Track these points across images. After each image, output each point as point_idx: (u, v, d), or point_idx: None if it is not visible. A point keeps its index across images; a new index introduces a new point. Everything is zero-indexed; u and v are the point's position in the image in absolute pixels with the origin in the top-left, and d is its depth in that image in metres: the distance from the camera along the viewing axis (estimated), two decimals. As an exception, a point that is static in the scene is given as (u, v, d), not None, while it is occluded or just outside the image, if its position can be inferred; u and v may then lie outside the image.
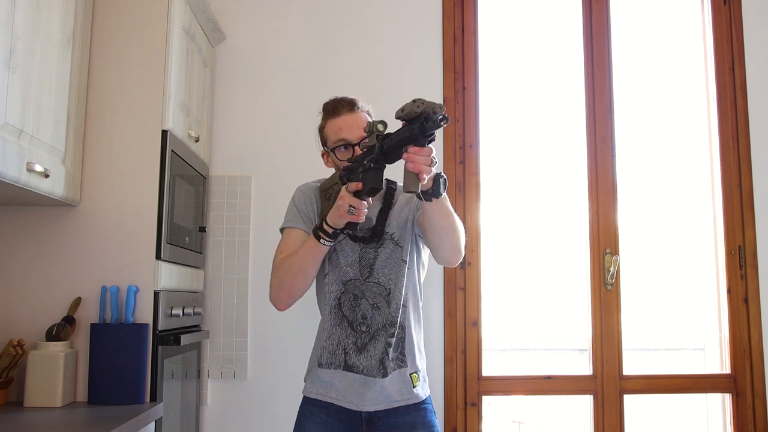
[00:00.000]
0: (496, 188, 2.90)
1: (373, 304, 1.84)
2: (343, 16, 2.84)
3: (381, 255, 1.84)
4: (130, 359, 1.99)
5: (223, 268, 2.67)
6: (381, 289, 1.84)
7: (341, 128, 1.83)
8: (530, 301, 3.04)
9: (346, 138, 1.82)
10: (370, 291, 1.84)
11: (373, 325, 1.83)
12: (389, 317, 1.83)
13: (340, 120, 1.84)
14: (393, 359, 1.83)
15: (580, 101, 2.89)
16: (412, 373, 1.85)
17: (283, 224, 1.94)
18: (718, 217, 2.85)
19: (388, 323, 1.83)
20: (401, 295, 1.84)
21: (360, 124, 1.83)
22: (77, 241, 2.07)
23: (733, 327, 2.77)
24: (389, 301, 1.84)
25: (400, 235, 1.85)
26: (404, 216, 1.87)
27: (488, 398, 2.79)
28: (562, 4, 3.01)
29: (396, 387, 1.83)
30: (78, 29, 2.02)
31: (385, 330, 1.83)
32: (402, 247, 1.85)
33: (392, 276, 1.84)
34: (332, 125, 1.86)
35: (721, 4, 2.92)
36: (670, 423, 3.15)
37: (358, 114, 1.86)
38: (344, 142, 1.82)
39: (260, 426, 2.62)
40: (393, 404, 1.83)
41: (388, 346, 1.82)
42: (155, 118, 2.13)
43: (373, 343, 1.83)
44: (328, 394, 1.86)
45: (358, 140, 1.80)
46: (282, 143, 2.75)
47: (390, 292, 1.84)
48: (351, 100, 1.88)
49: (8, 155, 1.63)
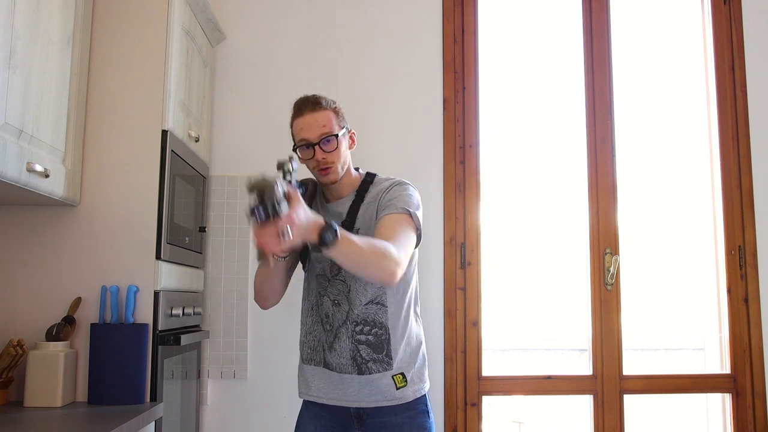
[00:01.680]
0: (496, 188, 2.90)
1: (334, 301, 1.86)
2: (343, 17, 2.84)
3: None
4: (130, 359, 1.98)
5: (223, 268, 2.67)
6: (343, 286, 1.86)
7: (302, 128, 1.86)
8: (530, 301, 3.04)
9: (306, 138, 1.84)
10: (334, 288, 1.87)
11: (334, 323, 1.86)
12: (351, 315, 1.84)
13: (302, 120, 1.86)
14: (373, 360, 1.83)
15: (580, 101, 2.89)
16: (396, 375, 1.85)
17: None
18: (718, 217, 2.85)
19: (351, 321, 1.84)
20: (366, 292, 1.84)
21: (321, 123, 1.84)
22: (77, 241, 2.07)
23: (733, 327, 2.77)
24: (350, 299, 1.85)
25: (366, 232, 1.84)
26: (370, 214, 1.87)
27: (488, 398, 2.79)
28: (562, 4, 3.01)
29: (378, 387, 1.83)
30: (78, 29, 2.02)
31: (347, 328, 1.84)
32: None
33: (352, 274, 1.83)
34: (296, 125, 1.88)
35: (721, 4, 2.92)
36: (670, 423, 3.15)
37: (321, 113, 1.86)
38: (305, 142, 1.85)
39: (260, 426, 2.62)
40: (377, 403, 1.84)
41: (358, 343, 1.83)
42: (155, 118, 2.13)
43: (337, 342, 1.85)
44: (309, 393, 1.90)
45: (318, 139, 1.83)
46: (282, 143, 2.73)
47: (350, 288, 1.85)
48: (315, 99, 1.88)
49: (8, 155, 1.63)
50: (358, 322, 1.84)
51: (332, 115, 1.87)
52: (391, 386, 1.84)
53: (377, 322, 1.85)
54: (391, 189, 1.87)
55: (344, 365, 1.84)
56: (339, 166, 1.87)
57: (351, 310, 1.85)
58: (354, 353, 1.83)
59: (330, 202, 1.95)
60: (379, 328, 1.85)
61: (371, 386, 1.83)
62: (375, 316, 1.85)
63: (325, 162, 1.84)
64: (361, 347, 1.83)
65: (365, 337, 1.84)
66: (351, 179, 1.95)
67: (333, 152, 1.85)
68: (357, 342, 1.84)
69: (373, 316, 1.85)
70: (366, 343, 1.84)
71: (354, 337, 1.84)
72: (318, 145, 1.83)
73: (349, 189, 1.93)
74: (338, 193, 1.94)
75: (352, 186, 1.94)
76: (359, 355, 1.83)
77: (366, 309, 1.85)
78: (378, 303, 1.86)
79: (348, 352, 1.84)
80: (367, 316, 1.85)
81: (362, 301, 1.85)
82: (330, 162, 1.85)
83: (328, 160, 1.84)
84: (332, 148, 1.85)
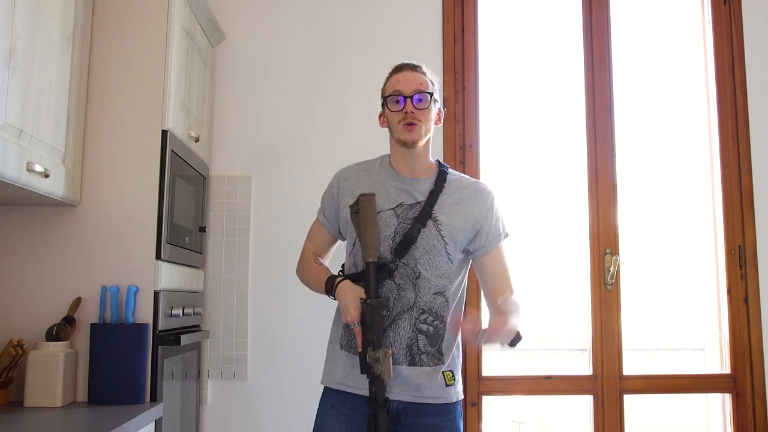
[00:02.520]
0: (496, 188, 2.89)
1: (399, 285, 1.79)
2: (343, 17, 2.84)
3: (421, 237, 1.80)
4: (130, 359, 1.98)
5: (223, 268, 2.66)
6: (410, 271, 1.80)
7: (399, 81, 1.84)
8: (530, 301, 3.04)
9: (400, 89, 1.82)
10: (398, 272, 1.80)
11: (394, 309, 1.78)
12: (419, 302, 1.79)
13: (400, 75, 1.86)
14: (427, 353, 1.78)
15: (580, 101, 2.89)
16: (446, 372, 1.81)
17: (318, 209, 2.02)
18: (718, 217, 2.85)
19: (417, 308, 1.78)
20: (435, 282, 1.80)
21: (418, 80, 1.83)
22: (77, 241, 2.07)
23: (733, 327, 2.77)
24: (418, 286, 1.79)
25: (448, 228, 1.82)
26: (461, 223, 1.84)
27: (488, 398, 2.79)
28: (562, 4, 3.01)
29: (428, 382, 1.77)
30: (78, 29, 2.02)
31: (410, 314, 1.78)
32: (447, 243, 1.82)
33: (423, 261, 1.80)
34: (391, 80, 1.87)
35: (721, 4, 2.92)
36: (670, 423, 3.15)
37: (419, 74, 1.86)
38: (398, 94, 1.82)
39: (260, 426, 2.62)
40: (423, 399, 1.78)
41: (419, 332, 1.78)
42: (155, 118, 2.12)
43: (394, 329, 1.78)
44: (345, 382, 1.80)
45: (411, 93, 1.81)
46: (282, 143, 2.76)
47: (419, 275, 1.79)
48: (416, 64, 1.89)
49: (8, 155, 1.63)
50: (424, 311, 1.79)
51: (429, 81, 1.87)
52: (441, 382, 1.79)
53: (439, 315, 1.81)
54: (493, 205, 1.91)
55: (396, 355, 1.76)
56: (424, 127, 1.83)
57: (419, 297, 1.79)
58: (411, 342, 1.77)
59: (403, 175, 1.88)
60: (440, 321, 1.80)
61: (420, 379, 1.76)
62: (439, 308, 1.81)
63: (413, 117, 1.80)
64: (420, 337, 1.78)
65: (427, 327, 1.79)
66: (428, 161, 1.91)
67: (423, 110, 1.81)
68: (418, 331, 1.78)
69: (438, 308, 1.80)
70: (426, 333, 1.78)
71: (416, 326, 1.78)
72: (410, 99, 1.80)
73: (426, 171, 1.89)
74: (413, 168, 1.88)
75: (429, 169, 1.90)
76: (416, 345, 1.77)
77: (433, 299, 1.80)
78: (443, 295, 1.82)
79: (405, 340, 1.77)
80: (433, 305, 1.80)
81: (431, 290, 1.80)
82: (418, 119, 1.80)
83: (417, 116, 1.80)
84: (424, 105, 1.82)
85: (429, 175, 1.90)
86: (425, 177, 1.89)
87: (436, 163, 1.94)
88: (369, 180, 1.89)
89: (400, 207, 1.84)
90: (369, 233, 1.78)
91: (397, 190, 1.86)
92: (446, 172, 1.91)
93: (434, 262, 1.81)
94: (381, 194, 1.85)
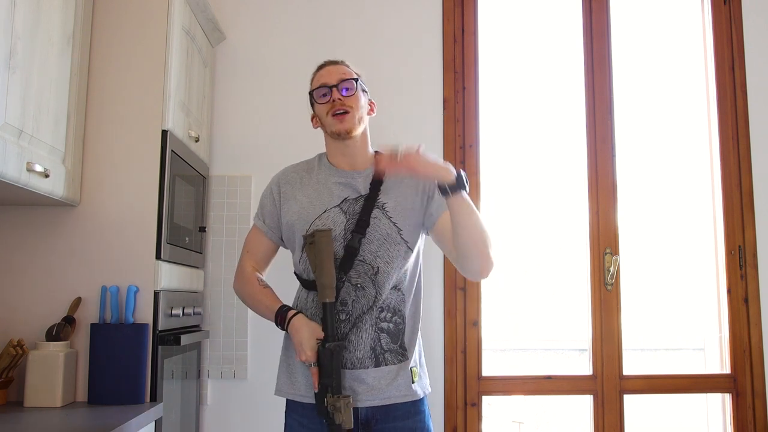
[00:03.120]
0: (496, 188, 2.90)
1: (356, 285, 1.74)
2: (343, 16, 2.84)
3: (373, 229, 1.75)
4: (130, 359, 1.98)
5: (223, 268, 2.66)
6: (367, 268, 1.74)
7: (322, 75, 1.84)
8: (530, 301, 3.05)
9: (324, 82, 1.81)
10: (355, 271, 1.74)
11: (354, 311, 1.73)
12: (378, 300, 1.74)
13: (323, 70, 1.86)
14: (390, 351, 1.74)
15: (580, 101, 2.89)
16: (413, 368, 1.77)
17: (254, 215, 1.95)
18: (718, 217, 2.85)
19: (377, 307, 1.73)
20: (394, 276, 1.75)
21: (340, 71, 1.83)
22: (77, 241, 2.07)
23: (733, 327, 2.77)
24: (377, 282, 1.74)
25: (396, 212, 1.78)
26: (410, 200, 1.79)
27: (488, 398, 2.79)
28: (562, 4, 3.01)
29: (393, 382, 1.73)
30: (78, 29, 2.02)
31: (371, 314, 1.73)
32: (401, 229, 1.77)
33: (381, 253, 1.75)
34: (316, 78, 1.86)
35: (721, 4, 2.92)
36: (670, 423, 3.15)
37: (341, 66, 1.86)
38: (323, 86, 1.81)
39: (260, 426, 2.62)
40: (390, 400, 1.73)
41: (381, 331, 1.73)
42: (155, 118, 2.12)
43: (356, 332, 1.73)
44: (307, 394, 1.75)
45: (336, 82, 1.79)
46: (282, 143, 2.75)
47: (378, 271, 1.74)
48: (338, 60, 1.90)
49: (8, 155, 1.63)
50: (383, 308, 1.74)
51: (354, 73, 1.86)
52: (408, 380, 1.75)
53: (397, 310, 1.76)
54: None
55: (360, 359, 1.72)
56: (356, 115, 1.79)
57: (379, 294, 1.74)
58: (375, 343, 1.73)
59: (343, 168, 1.84)
60: (398, 317, 1.76)
61: (386, 380, 1.72)
62: (396, 303, 1.77)
63: (342, 104, 1.77)
64: (382, 336, 1.73)
65: (387, 325, 1.74)
66: (367, 153, 1.86)
67: (351, 96, 1.79)
68: (380, 330, 1.73)
69: (395, 303, 1.76)
70: (387, 331, 1.74)
71: (378, 325, 1.73)
72: (335, 87, 1.79)
73: (366, 162, 1.85)
74: (353, 161, 1.84)
75: (369, 160, 1.85)
76: (379, 345, 1.73)
77: (390, 294, 1.76)
78: (399, 289, 1.77)
79: (368, 342, 1.72)
80: (391, 301, 1.76)
81: (390, 285, 1.75)
82: (348, 106, 1.78)
83: (345, 103, 1.78)
84: (351, 93, 1.79)
85: (369, 166, 1.85)
86: (365, 169, 1.84)
87: (375, 154, 1.89)
88: (310, 181, 1.85)
89: (345, 202, 1.79)
90: (326, 273, 1.70)
91: (339, 185, 1.82)
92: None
93: (392, 252, 1.75)
94: (323, 193, 1.81)
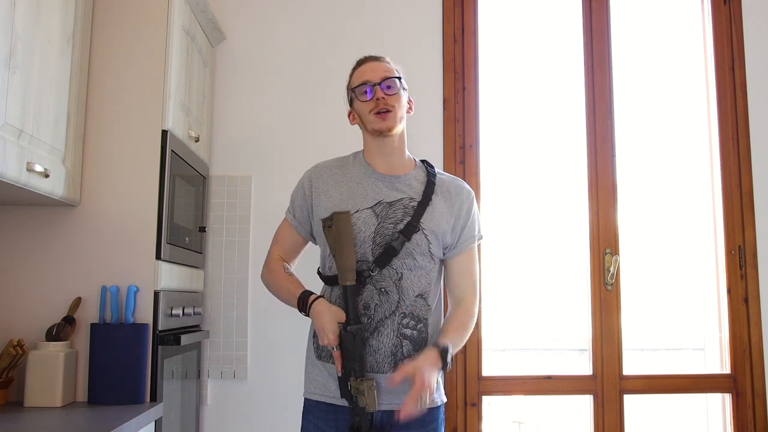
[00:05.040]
0: (496, 188, 2.90)
1: (380, 290, 1.74)
2: (343, 16, 2.84)
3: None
4: (130, 359, 1.98)
5: (223, 268, 2.66)
6: (393, 272, 1.74)
7: (365, 72, 1.82)
8: (530, 301, 3.04)
9: (368, 79, 1.79)
10: (380, 274, 1.74)
11: (376, 315, 1.72)
12: (402, 305, 1.73)
13: (365, 66, 1.84)
14: (411, 357, 1.69)
15: (580, 101, 2.89)
16: None
17: (287, 208, 1.95)
18: (718, 217, 2.85)
19: (399, 312, 1.73)
20: (418, 283, 1.75)
21: (383, 68, 1.81)
22: (77, 241, 2.07)
23: (733, 327, 2.77)
24: (401, 287, 1.74)
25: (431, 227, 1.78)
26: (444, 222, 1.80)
27: (488, 398, 2.79)
28: (562, 4, 3.01)
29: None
30: (78, 29, 2.02)
31: (393, 320, 1.72)
32: (430, 243, 1.78)
33: (408, 261, 1.75)
34: (356, 73, 1.85)
35: (721, 4, 2.92)
36: (670, 423, 3.15)
37: (384, 63, 1.84)
38: (366, 84, 1.78)
39: (260, 426, 2.62)
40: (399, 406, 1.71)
41: (403, 338, 1.72)
42: (155, 118, 2.12)
43: (377, 336, 1.72)
44: (326, 393, 1.76)
45: (380, 80, 1.78)
46: (282, 143, 2.75)
47: (402, 276, 1.74)
48: (378, 55, 1.88)
49: (8, 155, 1.63)
50: (406, 314, 1.73)
51: (394, 69, 1.84)
52: None
53: (421, 318, 1.75)
54: (471, 207, 1.86)
55: (380, 363, 1.71)
56: (398, 114, 1.78)
57: (402, 300, 1.73)
58: (396, 349, 1.71)
59: (380, 171, 1.83)
60: (423, 325, 1.75)
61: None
62: (420, 311, 1.76)
63: (386, 103, 1.76)
64: (404, 342, 1.72)
65: (410, 332, 1.73)
66: (405, 155, 1.86)
67: (394, 95, 1.78)
68: (402, 336, 1.72)
69: (419, 310, 1.75)
70: (410, 338, 1.73)
71: (400, 331, 1.72)
72: (378, 86, 1.77)
73: (403, 166, 1.85)
74: (390, 162, 1.83)
75: (406, 165, 1.85)
76: (401, 351, 1.72)
77: (415, 301, 1.75)
78: (424, 298, 1.77)
79: (389, 347, 1.71)
80: (415, 308, 1.75)
81: (414, 292, 1.75)
82: (391, 105, 1.77)
83: (389, 102, 1.77)
84: (394, 91, 1.78)
85: (406, 171, 1.85)
86: (403, 174, 1.84)
87: (416, 162, 1.89)
88: (343, 178, 1.84)
89: (379, 205, 1.78)
90: (345, 255, 1.71)
91: (375, 187, 1.81)
92: (434, 174, 1.86)
93: (418, 262, 1.76)
94: (357, 192, 1.80)
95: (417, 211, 1.78)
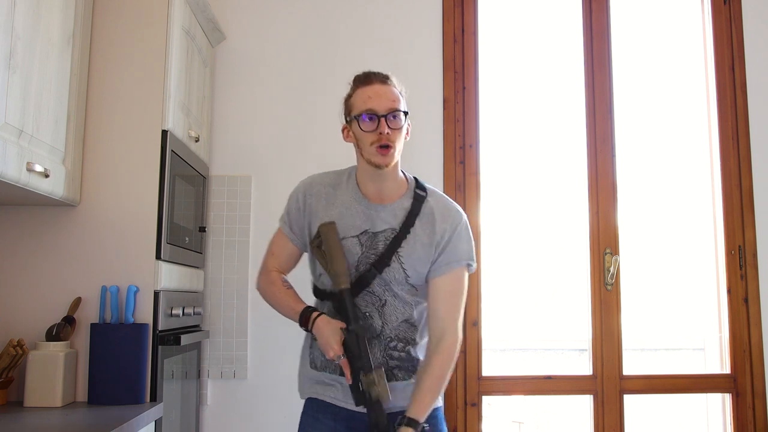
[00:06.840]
0: (496, 188, 2.90)
1: (363, 313, 1.74)
2: (343, 16, 2.84)
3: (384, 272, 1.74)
4: (130, 359, 1.98)
5: (223, 268, 2.66)
6: (374, 299, 1.75)
7: (370, 97, 1.69)
8: (530, 301, 3.04)
9: (373, 108, 1.68)
10: (362, 300, 1.74)
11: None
12: (385, 331, 1.74)
13: (371, 88, 1.71)
14: (401, 368, 1.75)
15: (580, 101, 2.89)
16: None
17: (280, 217, 1.90)
18: (718, 217, 2.85)
19: (385, 336, 1.74)
20: (402, 311, 1.75)
21: (390, 98, 1.69)
22: (77, 241, 2.07)
23: (733, 327, 2.77)
24: (384, 314, 1.74)
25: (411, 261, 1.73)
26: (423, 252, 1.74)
27: (488, 398, 2.79)
28: (562, 4, 3.01)
29: (402, 393, 1.73)
30: (78, 29, 2.02)
31: (380, 341, 1.73)
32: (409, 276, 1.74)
33: (389, 289, 1.74)
34: (361, 93, 1.72)
35: (721, 4, 2.92)
36: (670, 423, 3.15)
37: (391, 88, 1.72)
38: (371, 113, 1.68)
39: (260, 426, 2.62)
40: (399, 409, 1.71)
41: (390, 358, 1.74)
42: (155, 118, 2.12)
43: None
44: (326, 393, 1.78)
45: (386, 112, 1.67)
46: (282, 143, 2.76)
47: (385, 303, 1.74)
48: (385, 74, 1.75)
49: (8, 155, 1.63)
50: (392, 338, 1.75)
51: (400, 95, 1.74)
52: None
53: (409, 339, 1.76)
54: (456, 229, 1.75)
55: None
56: (398, 149, 1.71)
57: (385, 326, 1.74)
58: (384, 365, 1.73)
59: (372, 201, 1.77)
60: (411, 345, 1.76)
61: (398, 393, 1.72)
62: (407, 333, 1.76)
63: (389, 139, 1.67)
64: (392, 362, 1.75)
65: (398, 353, 1.75)
66: (397, 179, 1.78)
67: (398, 130, 1.69)
68: (389, 357, 1.74)
69: (405, 333, 1.76)
70: (398, 358, 1.75)
71: (387, 352, 1.74)
72: (384, 118, 1.67)
73: (395, 192, 1.77)
74: (381, 190, 1.76)
75: (398, 188, 1.78)
76: (387, 367, 1.73)
77: (400, 326, 1.75)
78: (410, 323, 1.77)
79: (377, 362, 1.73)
80: (400, 332, 1.76)
81: (398, 318, 1.75)
82: (393, 140, 1.68)
83: (391, 137, 1.67)
84: (399, 125, 1.69)
85: (395, 198, 1.77)
86: (390, 203, 1.76)
87: (409, 183, 1.81)
88: (335, 200, 1.79)
89: (365, 235, 1.75)
90: (336, 261, 1.70)
91: (362, 215, 1.76)
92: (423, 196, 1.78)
93: (397, 293, 1.74)
94: (346, 218, 1.76)
95: (392, 243, 1.73)
